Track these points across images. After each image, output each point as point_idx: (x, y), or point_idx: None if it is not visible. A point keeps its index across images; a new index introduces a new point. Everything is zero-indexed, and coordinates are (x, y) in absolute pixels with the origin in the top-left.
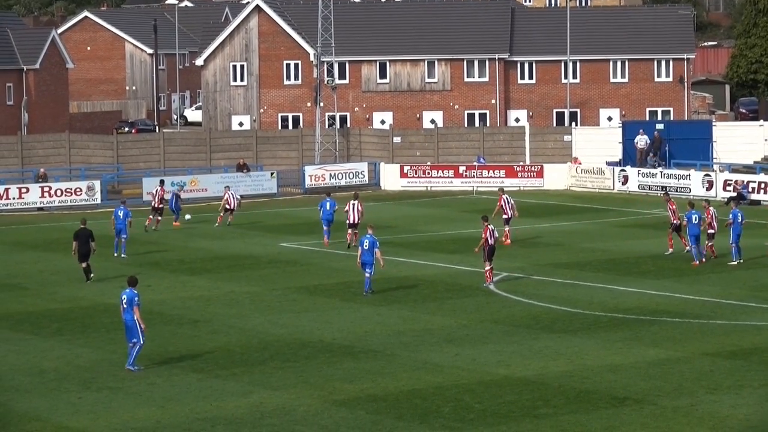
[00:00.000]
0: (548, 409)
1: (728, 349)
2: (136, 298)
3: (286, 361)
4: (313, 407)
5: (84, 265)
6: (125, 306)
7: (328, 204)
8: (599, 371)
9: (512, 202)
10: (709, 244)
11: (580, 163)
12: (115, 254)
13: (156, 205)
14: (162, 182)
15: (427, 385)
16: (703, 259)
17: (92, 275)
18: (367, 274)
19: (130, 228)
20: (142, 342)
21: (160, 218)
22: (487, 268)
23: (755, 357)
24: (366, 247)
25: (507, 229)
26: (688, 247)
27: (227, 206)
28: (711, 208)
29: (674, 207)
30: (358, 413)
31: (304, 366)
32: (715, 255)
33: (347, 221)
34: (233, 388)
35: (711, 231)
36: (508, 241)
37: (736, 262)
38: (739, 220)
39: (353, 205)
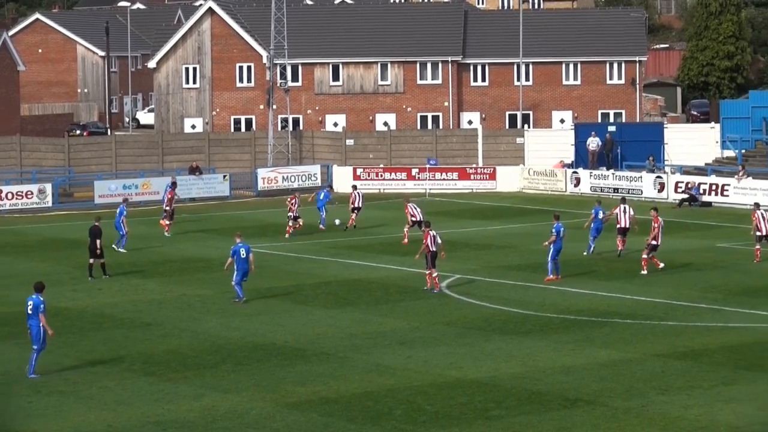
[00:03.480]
0: (500, 410)
1: (679, 350)
2: (42, 305)
3: (238, 364)
4: (265, 410)
5: (91, 261)
6: (30, 312)
7: (322, 194)
8: (551, 373)
9: (419, 209)
10: (651, 255)
11: (562, 166)
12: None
13: (166, 207)
14: (174, 184)
15: (380, 387)
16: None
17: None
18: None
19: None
20: (42, 348)
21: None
22: (432, 274)
23: (705, 358)
24: (243, 256)
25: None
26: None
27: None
28: (659, 218)
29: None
30: (310, 416)
31: (256, 369)
32: (645, 266)
33: (351, 205)
34: (185, 392)
35: (654, 243)
36: (405, 240)
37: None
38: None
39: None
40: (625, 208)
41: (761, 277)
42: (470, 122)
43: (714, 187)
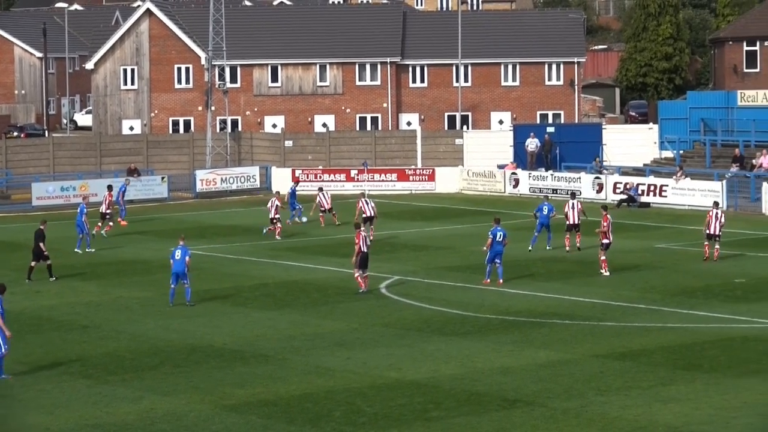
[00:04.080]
0: (439, 411)
1: (618, 350)
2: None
3: (176, 366)
4: (204, 412)
5: (33, 263)
6: None
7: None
8: (490, 374)
9: (372, 205)
10: (603, 258)
11: (515, 167)
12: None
13: (104, 211)
14: (110, 187)
15: (319, 389)
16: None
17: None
18: (186, 285)
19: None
20: (4, 351)
21: (111, 224)
22: (362, 274)
23: (644, 358)
24: (178, 258)
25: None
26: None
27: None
28: (608, 216)
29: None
30: (249, 418)
31: (194, 371)
32: (605, 268)
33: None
34: (123, 394)
35: (606, 241)
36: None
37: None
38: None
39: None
40: (573, 204)
41: (699, 278)
42: (409, 123)
43: (652, 188)
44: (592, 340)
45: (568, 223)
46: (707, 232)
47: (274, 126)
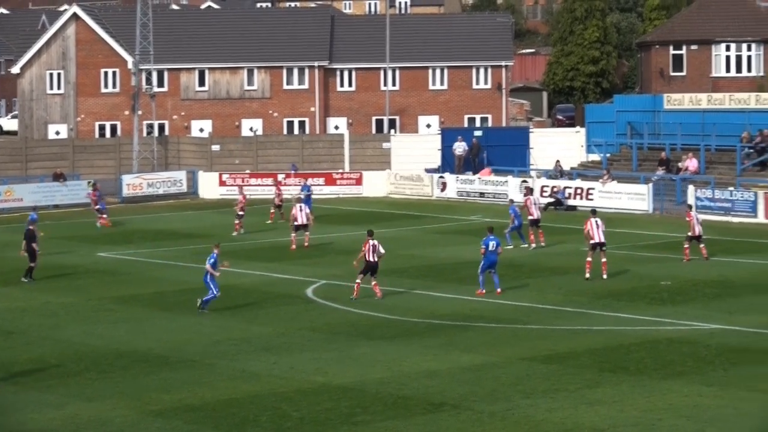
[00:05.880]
0: (366, 416)
1: (544, 353)
2: None
3: (101, 372)
4: (130, 418)
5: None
6: None
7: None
8: (416, 377)
9: (306, 212)
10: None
11: (490, 173)
12: None
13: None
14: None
15: (245, 394)
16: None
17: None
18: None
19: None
20: None
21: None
22: (365, 280)
23: (570, 361)
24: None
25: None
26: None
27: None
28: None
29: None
30: (174, 423)
31: (120, 377)
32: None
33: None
34: (48, 400)
35: (593, 242)
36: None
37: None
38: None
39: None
40: (533, 199)
41: (626, 281)
42: (337, 127)
43: (579, 191)
44: (518, 343)
45: (531, 218)
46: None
47: (201, 130)
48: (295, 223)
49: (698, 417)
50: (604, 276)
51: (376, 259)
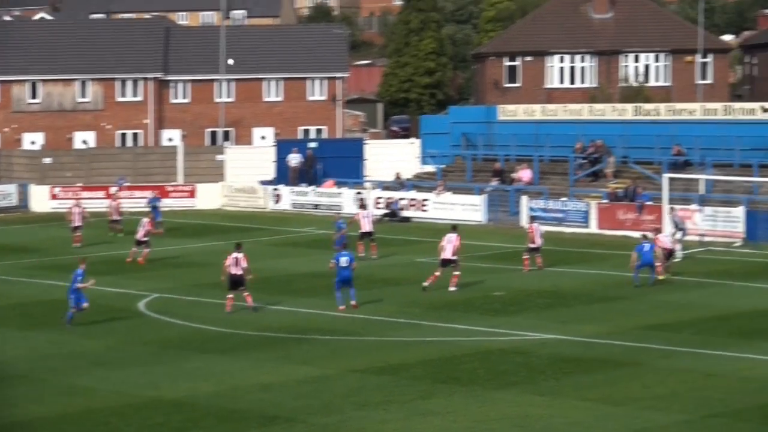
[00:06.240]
0: (198, 430)
1: (377, 365)
2: None
3: None
4: None
5: None
6: None
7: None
8: (250, 390)
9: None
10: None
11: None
12: None
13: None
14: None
15: (76, 409)
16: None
17: None
18: None
19: None
20: None
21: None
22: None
23: (403, 372)
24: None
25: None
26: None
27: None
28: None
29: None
30: None
31: None
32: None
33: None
34: None
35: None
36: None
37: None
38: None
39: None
40: (365, 213)
41: (460, 291)
42: (171, 139)
43: (413, 202)
44: (353, 355)
45: (361, 231)
46: (531, 245)
47: (33, 143)
48: (136, 238)
49: (530, 426)
50: (452, 288)
51: (240, 273)
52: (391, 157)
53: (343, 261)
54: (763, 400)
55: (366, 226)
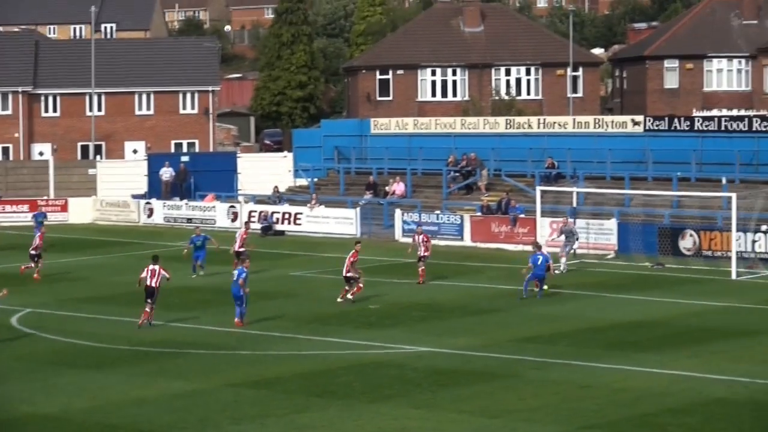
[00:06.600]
0: None
1: (253, 379)
2: None
3: None
4: None
5: None
6: None
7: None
8: (123, 405)
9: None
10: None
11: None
12: None
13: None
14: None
15: None
16: None
17: None
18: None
19: None
20: None
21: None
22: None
23: (279, 386)
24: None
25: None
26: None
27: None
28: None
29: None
30: None
31: None
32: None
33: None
34: None
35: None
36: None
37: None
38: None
39: None
40: (242, 231)
41: (334, 305)
42: (41, 153)
43: (287, 216)
44: (227, 369)
45: (234, 249)
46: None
47: None
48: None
49: None
50: (349, 296)
51: (156, 284)
52: (265, 171)
53: (235, 275)
54: (637, 411)
55: (238, 244)
